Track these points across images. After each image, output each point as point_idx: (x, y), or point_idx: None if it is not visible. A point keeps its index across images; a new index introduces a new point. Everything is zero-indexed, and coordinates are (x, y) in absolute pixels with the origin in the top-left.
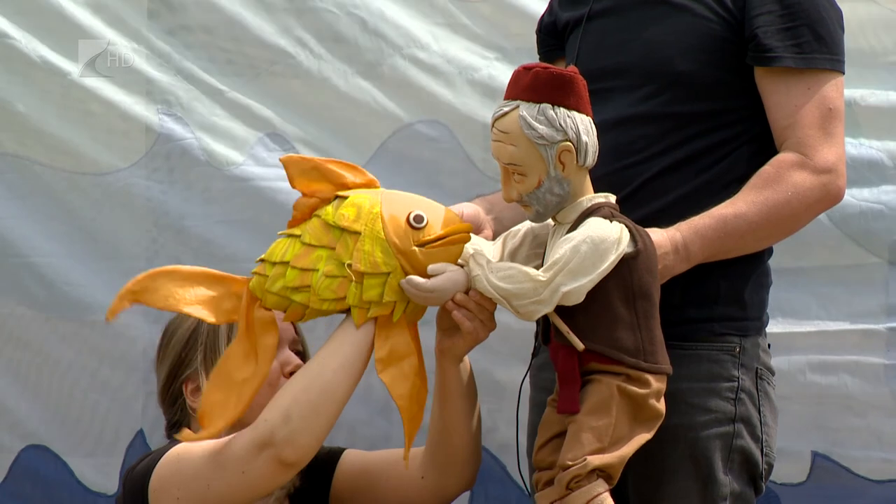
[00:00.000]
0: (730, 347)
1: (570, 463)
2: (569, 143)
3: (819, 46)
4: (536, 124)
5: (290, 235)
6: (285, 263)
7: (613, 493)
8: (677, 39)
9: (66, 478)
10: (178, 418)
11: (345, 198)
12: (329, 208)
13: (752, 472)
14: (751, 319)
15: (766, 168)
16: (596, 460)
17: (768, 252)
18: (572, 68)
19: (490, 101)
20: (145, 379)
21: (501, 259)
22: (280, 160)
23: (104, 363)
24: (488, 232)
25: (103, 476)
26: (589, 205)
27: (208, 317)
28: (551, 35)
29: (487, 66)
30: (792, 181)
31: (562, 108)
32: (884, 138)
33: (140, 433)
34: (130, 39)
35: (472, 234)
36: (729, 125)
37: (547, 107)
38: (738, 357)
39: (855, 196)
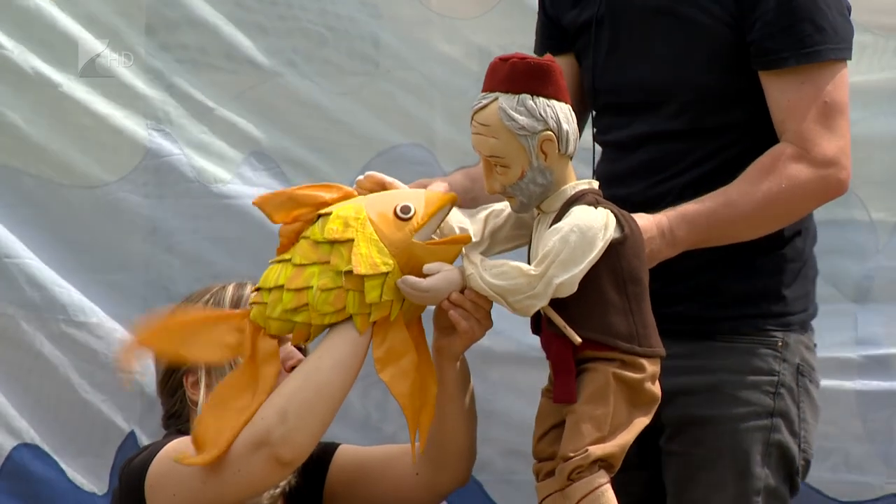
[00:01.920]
0: (772, 342)
1: (571, 454)
2: (550, 132)
3: (820, 38)
4: (517, 115)
5: (280, 261)
6: (280, 287)
7: (652, 478)
8: (693, 53)
9: (56, 477)
10: (178, 409)
11: (328, 214)
12: (314, 228)
13: (789, 468)
14: (794, 313)
15: (762, 158)
16: (598, 450)
17: (810, 242)
18: (548, 57)
19: None
20: (136, 380)
21: (483, 237)
22: (253, 204)
23: (95, 364)
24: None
25: (94, 476)
26: (573, 192)
27: (215, 358)
28: (556, 27)
29: (472, 90)
30: (787, 173)
31: (541, 98)
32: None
33: (131, 434)
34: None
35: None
36: (755, 131)
37: (526, 97)
38: (779, 352)
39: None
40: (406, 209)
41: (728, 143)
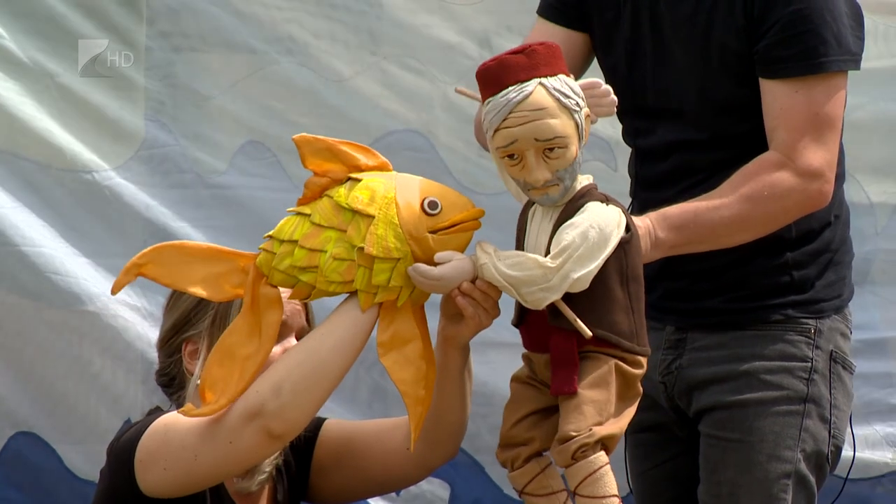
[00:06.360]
0: (804, 329)
1: (574, 434)
2: (587, 109)
3: (823, 50)
4: (568, 92)
5: (299, 213)
6: (294, 242)
7: (686, 455)
8: (710, 64)
9: (54, 465)
10: (170, 371)
11: (358, 180)
12: (341, 189)
13: (819, 454)
14: (827, 300)
15: (749, 165)
16: (602, 430)
17: (842, 228)
18: (545, 41)
19: (471, 111)
20: (134, 368)
21: None
22: (293, 139)
23: (94, 352)
24: None
25: (91, 464)
26: (579, 187)
27: (212, 296)
28: (574, 7)
29: (470, 76)
30: (770, 180)
31: (568, 77)
32: None
33: (128, 423)
34: (120, 43)
35: None
36: None
37: (562, 76)
38: (812, 338)
39: None
40: (433, 205)
41: (754, 148)
